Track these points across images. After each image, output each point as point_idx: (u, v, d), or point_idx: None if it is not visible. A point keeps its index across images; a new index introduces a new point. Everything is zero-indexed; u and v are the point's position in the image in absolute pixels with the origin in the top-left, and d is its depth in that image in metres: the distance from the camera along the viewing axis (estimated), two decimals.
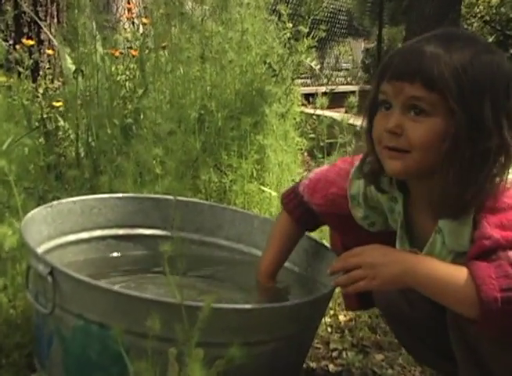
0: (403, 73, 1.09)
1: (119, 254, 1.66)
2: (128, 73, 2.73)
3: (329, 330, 1.78)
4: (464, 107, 1.05)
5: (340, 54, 8.73)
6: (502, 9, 10.94)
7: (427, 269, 1.07)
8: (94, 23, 2.57)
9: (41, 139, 2.42)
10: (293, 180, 2.58)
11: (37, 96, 2.61)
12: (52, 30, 3.18)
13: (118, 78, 2.64)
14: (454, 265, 1.07)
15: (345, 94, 2.56)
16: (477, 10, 11.30)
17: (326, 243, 1.57)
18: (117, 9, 4.31)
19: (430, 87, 1.06)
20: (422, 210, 1.19)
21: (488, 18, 11.22)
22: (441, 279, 1.06)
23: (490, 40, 10.82)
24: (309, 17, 2.88)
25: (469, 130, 1.05)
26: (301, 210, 1.43)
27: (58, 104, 2.51)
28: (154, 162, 1.98)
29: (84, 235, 1.61)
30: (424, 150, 1.08)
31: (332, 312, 1.84)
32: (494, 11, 11.14)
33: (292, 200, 1.44)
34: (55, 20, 3.25)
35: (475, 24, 11.17)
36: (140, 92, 2.58)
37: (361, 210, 1.32)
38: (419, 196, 1.19)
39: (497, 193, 1.06)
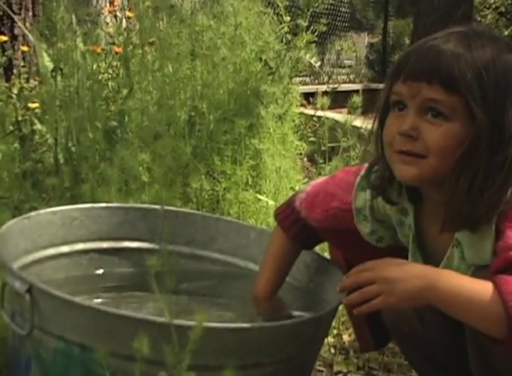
0: (420, 73, 1.09)
1: (103, 270, 1.66)
2: (111, 71, 2.74)
3: (332, 351, 1.79)
4: (487, 111, 1.06)
5: (341, 49, 8.76)
6: None
7: (449, 284, 1.07)
8: (73, 17, 2.58)
9: (16, 144, 2.42)
10: (291, 188, 2.59)
11: (12, 97, 2.61)
12: (27, 24, 3.19)
13: (100, 77, 2.65)
14: (478, 280, 1.07)
15: (348, 93, 2.57)
16: (492, 1, 11.36)
17: (328, 256, 1.58)
18: (98, 1, 4.33)
19: (450, 89, 1.07)
20: (435, 222, 1.19)
21: (503, 9, 11.28)
22: (466, 295, 1.05)
23: (506, 33, 10.89)
24: (308, 10, 2.90)
25: (490, 136, 1.06)
26: (299, 227, 1.42)
27: (34, 106, 2.51)
28: (141, 169, 1.99)
29: (65, 249, 1.61)
30: (442, 155, 1.09)
31: (335, 331, 1.85)
32: (510, 1, 11.20)
33: (288, 216, 1.43)
34: (31, 14, 3.26)
35: (489, 16, 11.23)
36: (125, 92, 2.59)
37: (368, 224, 1.32)
38: (433, 206, 1.19)
39: None
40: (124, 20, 3.20)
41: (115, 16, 3.35)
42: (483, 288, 1.05)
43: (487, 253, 1.11)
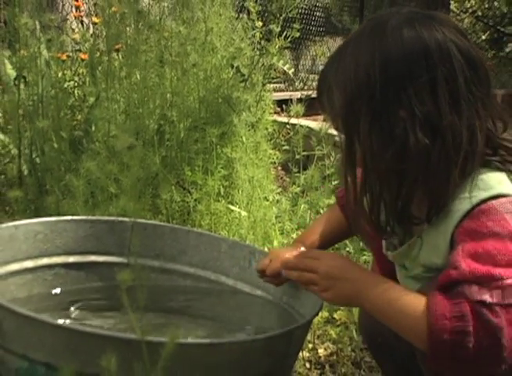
0: (324, 111, 1.21)
1: (69, 285, 1.66)
2: (76, 79, 2.74)
3: (307, 365, 1.80)
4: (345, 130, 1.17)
5: (316, 55, 8.82)
6: (496, 4, 11.18)
7: (380, 295, 1.12)
8: (37, 23, 2.58)
9: None
10: (265, 198, 2.60)
11: None
12: None
13: (66, 85, 2.64)
14: (413, 294, 1.12)
15: None
16: (469, 5, 11.53)
17: None
18: (63, 7, 4.32)
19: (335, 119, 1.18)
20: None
21: (480, 13, 11.46)
22: (395, 307, 1.11)
23: (483, 37, 11.05)
24: (281, 15, 2.92)
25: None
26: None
27: None
28: (108, 180, 1.99)
29: (29, 264, 1.60)
30: None
31: (311, 345, 1.87)
32: (486, 5, 11.38)
33: (344, 196, 1.48)
34: None
35: (466, 20, 11.39)
36: (91, 100, 2.58)
37: None
38: None
39: (479, 213, 1.09)
40: (90, 26, 3.20)
41: (81, 22, 3.34)
42: (414, 303, 1.09)
43: (440, 257, 1.15)
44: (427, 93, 1.09)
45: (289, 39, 2.95)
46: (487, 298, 1.04)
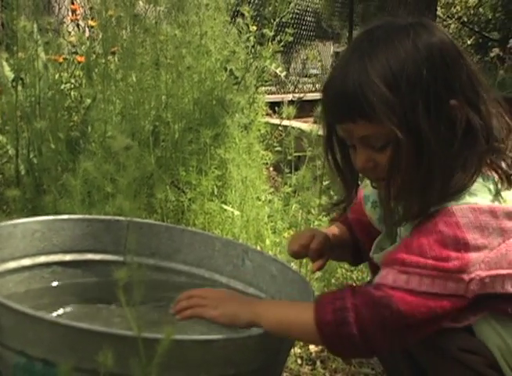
0: (340, 115, 1.15)
1: (66, 283, 1.65)
2: (73, 81, 2.73)
3: (299, 361, 1.80)
4: (402, 125, 1.08)
5: (307, 59, 8.83)
6: (481, 10, 11.24)
7: (271, 314, 1.20)
8: (35, 26, 2.56)
9: None
10: (257, 198, 2.60)
11: None
12: None
13: (63, 87, 2.63)
14: (299, 305, 1.24)
15: (314, 102, 2.59)
16: (454, 11, 11.58)
17: (295, 266, 1.59)
18: (60, 10, 4.31)
19: (373, 119, 1.09)
20: None
21: (465, 19, 11.51)
22: (286, 321, 1.19)
23: (469, 42, 11.10)
24: (274, 19, 2.92)
25: (409, 143, 1.09)
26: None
27: None
28: (104, 180, 1.98)
29: (27, 262, 1.60)
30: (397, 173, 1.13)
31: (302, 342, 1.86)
32: (472, 11, 11.44)
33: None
34: None
35: (452, 26, 11.44)
36: (87, 102, 2.57)
37: (376, 210, 1.35)
38: None
39: (435, 213, 1.09)
40: (86, 29, 3.19)
41: (77, 25, 3.33)
42: (302, 314, 1.16)
43: None
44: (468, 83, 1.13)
45: (282, 43, 2.95)
46: (388, 280, 1.09)
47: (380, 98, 1.08)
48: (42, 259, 1.63)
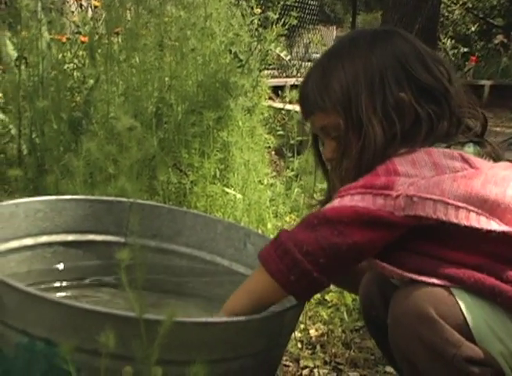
0: (303, 111, 1.32)
1: (67, 263, 1.65)
2: (76, 61, 2.72)
3: (299, 345, 1.80)
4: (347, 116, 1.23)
5: (310, 43, 8.79)
6: None
7: (231, 302, 1.25)
8: (38, 5, 2.55)
9: None
10: (260, 181, 2.59)
11: None
12: None
13: (66, 67, 2.62)
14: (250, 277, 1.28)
15: None
16: None
17: None
18: None
19: (325, 111, 1.25)
20: None
21: (470, 5, 11.43)
22: (251, 291, 1.24)
23: (473, 29, 11.03)
24: (279, 2, 2.90)
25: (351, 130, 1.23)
26: None
27: None
28: (107, 161, 1.98)
29: (29, 241, 1.59)
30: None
31: (302, 326, 1.86)
32: None
33: None
34: None
35: (457, 12, 11.37)
36: (90, 82, 2.56)
37: None
38: None
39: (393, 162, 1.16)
40: (89, 9, 3.17)
41: (80, 6, 3.31)
42: (258, 279, 1.22)
43: None
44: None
45: (286, 26, 2.93)
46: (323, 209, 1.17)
47: (333, 93, 1.24)
48: (44, 239, 1.62)
